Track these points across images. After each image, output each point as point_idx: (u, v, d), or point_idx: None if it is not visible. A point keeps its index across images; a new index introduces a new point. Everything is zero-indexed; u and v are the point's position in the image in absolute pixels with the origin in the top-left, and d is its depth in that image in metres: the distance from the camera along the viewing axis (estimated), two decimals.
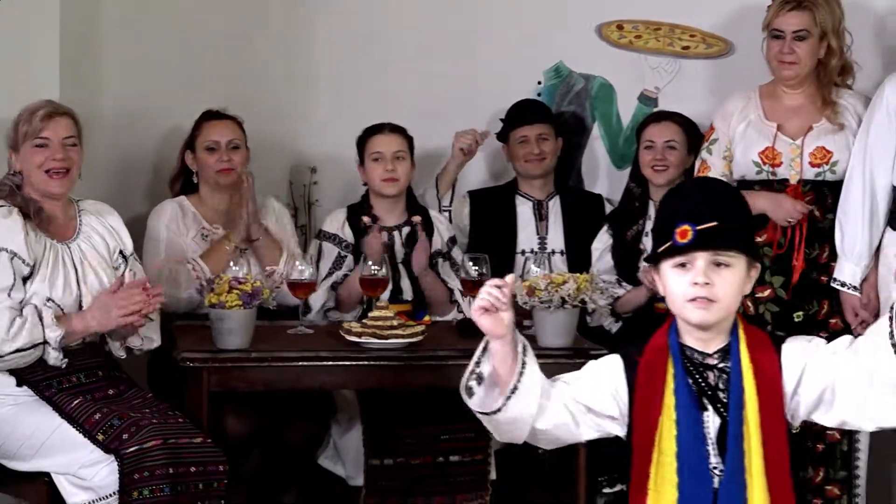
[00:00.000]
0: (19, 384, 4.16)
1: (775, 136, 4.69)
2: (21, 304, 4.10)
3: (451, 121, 5.32)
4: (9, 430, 4.11)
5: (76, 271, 4.24)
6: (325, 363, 4.32)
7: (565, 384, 3.05)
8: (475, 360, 3.00)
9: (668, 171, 5.09)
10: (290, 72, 5.51)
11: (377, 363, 4.33)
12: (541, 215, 5.36)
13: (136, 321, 4.15)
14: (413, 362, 4.34)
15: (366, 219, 4.99)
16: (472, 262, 4.67)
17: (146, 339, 4.32)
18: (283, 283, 4.61)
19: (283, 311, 4.75)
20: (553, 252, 5.31)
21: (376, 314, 4.41)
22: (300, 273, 4.59)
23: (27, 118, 4.26)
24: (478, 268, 4.65)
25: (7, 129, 4.33)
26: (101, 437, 4.03)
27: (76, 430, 4.07)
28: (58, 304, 4.15)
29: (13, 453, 4.13)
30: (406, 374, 4.35)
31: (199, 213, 4.98)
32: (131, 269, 4.36)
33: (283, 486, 4.88)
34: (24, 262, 4.13)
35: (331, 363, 4.32)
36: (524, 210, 5.36)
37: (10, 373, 4.14)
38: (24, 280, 4.14)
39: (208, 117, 5.00)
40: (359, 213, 5.02)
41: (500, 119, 5.38)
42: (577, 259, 5.22)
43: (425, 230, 5.03)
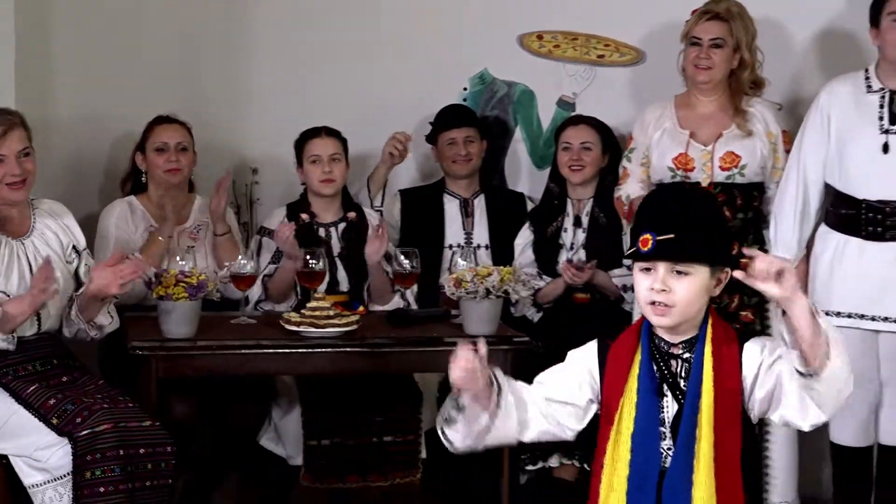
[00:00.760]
0: None
1: (688, 143, 4.76)
2: None
3: (383, 124, 5.30)
4: None
5: (30, 266, 4.22)
6: (267, 351, 4.32)
7: (539, 385, 3.04)
8: (453, 397, 2.96)
9: (583, 170, 5.13)
10: (233, 80, 5.46)
11: (315, 350, 4.32)
12: (467, 212, 5.38)
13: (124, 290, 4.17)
14: (348, 349, 4.34)
15: (304, 216, 5.00)
16: (403, 256, 4.69)
17: (112, 320, 4.32)
18: (227, 277, 4.64)
19: (227, 303, 4.78)
20: (478, 246, 5.32)
21: (314, 305, 4.41)
22: (242, 267, 4.58)
23: None
24: (408, 261, 4.67)
25: None
26: (55, 421, 4.02)
27: (32, 414, 4.05)
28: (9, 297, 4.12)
29: None
30: (341, 361, 4.35)
31: (147, 211, 4.97)
32: (85, 263, 4.36)
33: (227, 465, 4.87)
34: None
35: (271, 351, 4.32)
36: (451, 207, 5.38)
37: None
38: None
39: (159, 121, 5.00)
40: (297, 210, 5.02)
41: (430, 123, 5.38)
42: (501, 253, 5.25)
43: (360, 226, 5.04)
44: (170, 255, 4.76)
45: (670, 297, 2.86)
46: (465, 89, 5.59)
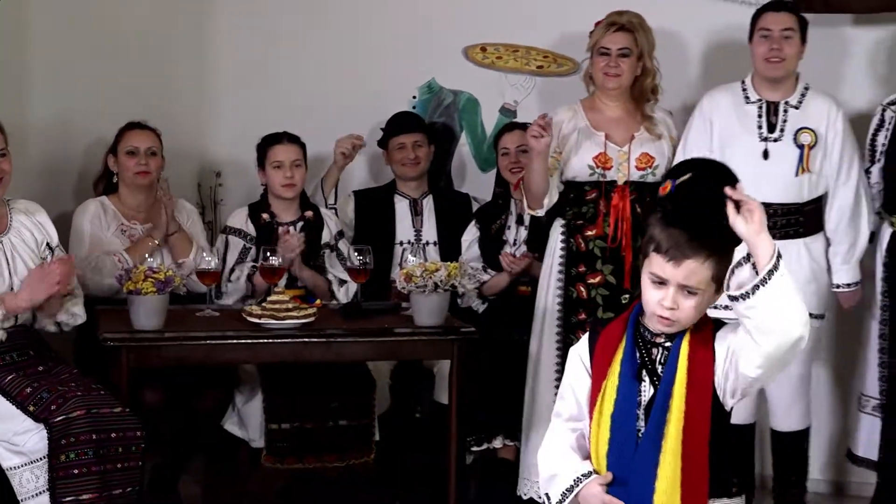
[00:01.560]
0: None
1: (605, 143, 4.84)
2: None
3: (338, 130, 5.32)
4: None
5: (8, 262, 4.24)
6: (230, 341, 4.32)
7: (559, 419, 3.07)
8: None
9: (522, 172, 5.19)
10: (198, 89, 5.49)
11: (275, 341, 4.34)
12: (416, 211, 5.38)
13: (59, 290, 4.16)
14: (306, 340, 4.35)
15: (265, 216, 5.02)
16: (356, 253, 4.70)
17: (74, 316, 4.33)
18: (193, 273, 4.66)
19: (193, 297, 4.80)
20: (427, 243, 5.32)
21: (274, 298, 4.43)
22: (207, 263, 4.61)
23: None
24: (361, 257, 4.67)
25: None
26: (32, 409, 4.02)
27: (10, 402, 4.06)
28: None
29: None
30: (300, 350, 4.36)
31: (118, 210, 4.97)
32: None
33: (193, 448, 4.89)
34: None
35: (235, 341, 4.32)
36: (402, 207, 5.38)
37: None
38: None
39: (131, 127, 5.00)
40: (259, 210, 5.04)
41: (381, 128, 5.40)
42: (448, 249, 5.25)
43: (316, 225, 5.07)
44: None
45: (676, 313, 2.87)
46: (415, 97, 5.62)
